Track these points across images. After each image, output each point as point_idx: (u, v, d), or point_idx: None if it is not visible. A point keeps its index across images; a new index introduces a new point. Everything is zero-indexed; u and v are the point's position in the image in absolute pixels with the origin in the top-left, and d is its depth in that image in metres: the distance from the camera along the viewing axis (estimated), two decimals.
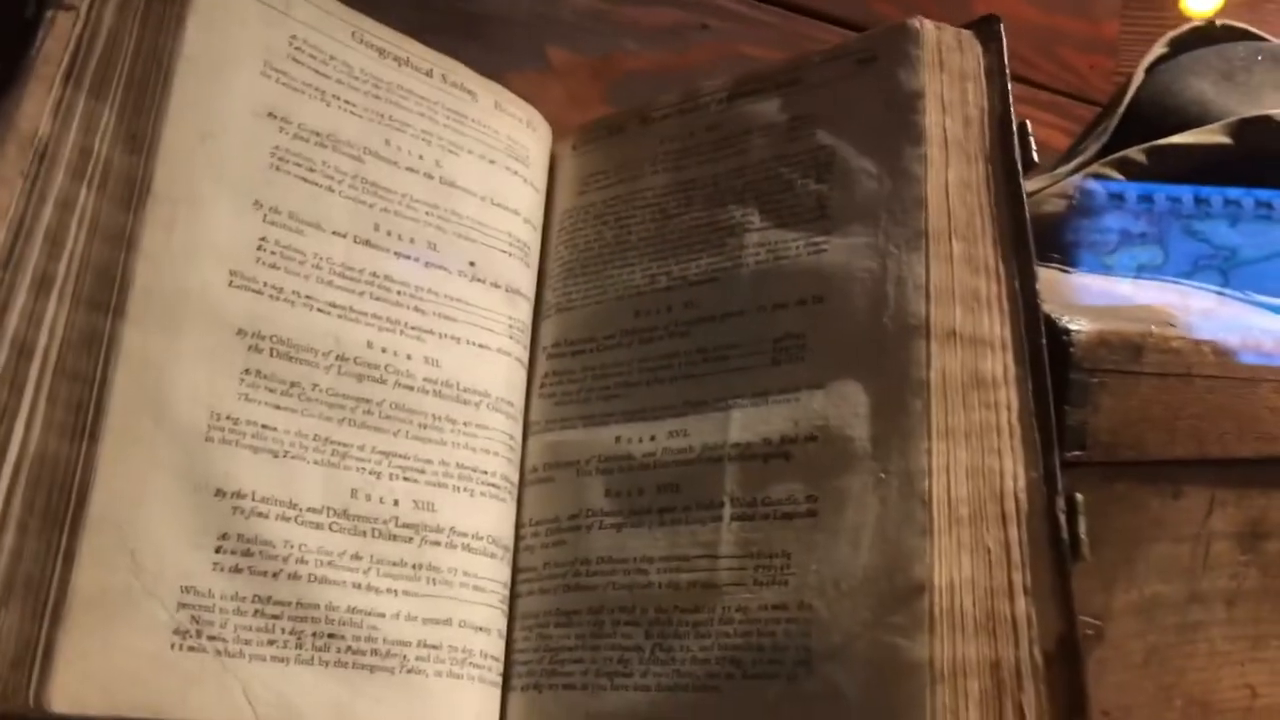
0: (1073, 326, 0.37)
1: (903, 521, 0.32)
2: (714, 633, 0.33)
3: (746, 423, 0.37)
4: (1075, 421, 0.37)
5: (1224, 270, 0.84)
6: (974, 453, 0.34)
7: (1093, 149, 0.70)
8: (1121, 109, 0.71)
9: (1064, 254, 0.60)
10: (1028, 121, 0.40)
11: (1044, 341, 0.36)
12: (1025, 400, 0.35)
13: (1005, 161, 0.39)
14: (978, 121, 0.40)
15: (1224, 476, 0.44)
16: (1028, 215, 0.38)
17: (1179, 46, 0.72)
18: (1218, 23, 0.73)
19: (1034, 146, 0.40)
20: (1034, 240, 0.67)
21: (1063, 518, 0.33)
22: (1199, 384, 0.42)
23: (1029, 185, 0.70)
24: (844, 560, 0.32)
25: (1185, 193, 0.88)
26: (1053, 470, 0.34)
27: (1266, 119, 0.62)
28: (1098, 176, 0.66)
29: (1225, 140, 0.63)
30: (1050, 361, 0.36)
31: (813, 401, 0.36)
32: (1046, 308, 0.38)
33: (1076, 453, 0.37)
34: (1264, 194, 0.76)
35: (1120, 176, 0.66)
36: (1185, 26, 0.73)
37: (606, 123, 0.50)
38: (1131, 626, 0.41)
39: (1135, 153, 0.66)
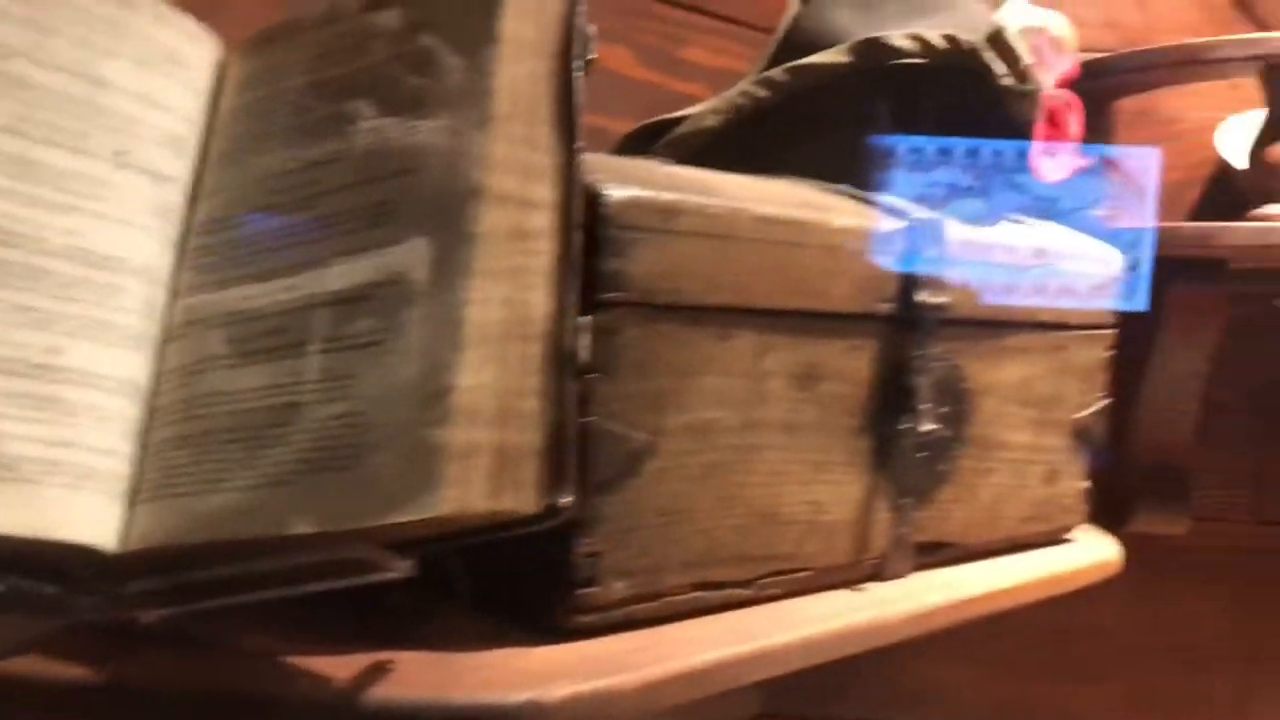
0: (607, 192, 0.46)
1: (443, 341, 0.40)
2: (293, 441, 0.40)
3: (343, 274, 0.44)
4: (610, 269, 0.46)
5: (1044, 221, 0.95)
6: (511, 289, 0.42)
7: (753, 72, 0.80)
8: (779, 36, 0.81)
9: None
10: (592, 27, 0.48)
11: (579, 203, 0.44)
12: (560, 249, 0.43)
13: (565, 60, 0.47)
14: (551, 27, 0.48)
15: (775, 325, 0.53)
16: (577, 102, 0.46)
17: None
18: None
19: (593, 48, 0.48)
20: (695, 148, 0.76)
21: (576, 339, 0.42)
22: (740, 245, 0.51)
23: (702, 106, 0.79)
24: (395, 374, 0.40)
25: (1008, 146, 0.99)
26: (569, 303, 0.42)
27: (877, 40, 0.72)
28: (745, 93, 0.75)
29: (846, 59, 0.73)
30: (589, 220, 0.45)
31: (394, 255, 0.43)
32: (593, 178, 0.46)
33: (615, 294, 0.46)
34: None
35: (766, 92, 0.75)
36: None
37: (265, 33, 0.56)
38: (687, 444, 0.50)
39: (778, 72, 0.75)
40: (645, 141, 0.78)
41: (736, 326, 0.52)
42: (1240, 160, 0.96)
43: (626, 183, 0.47)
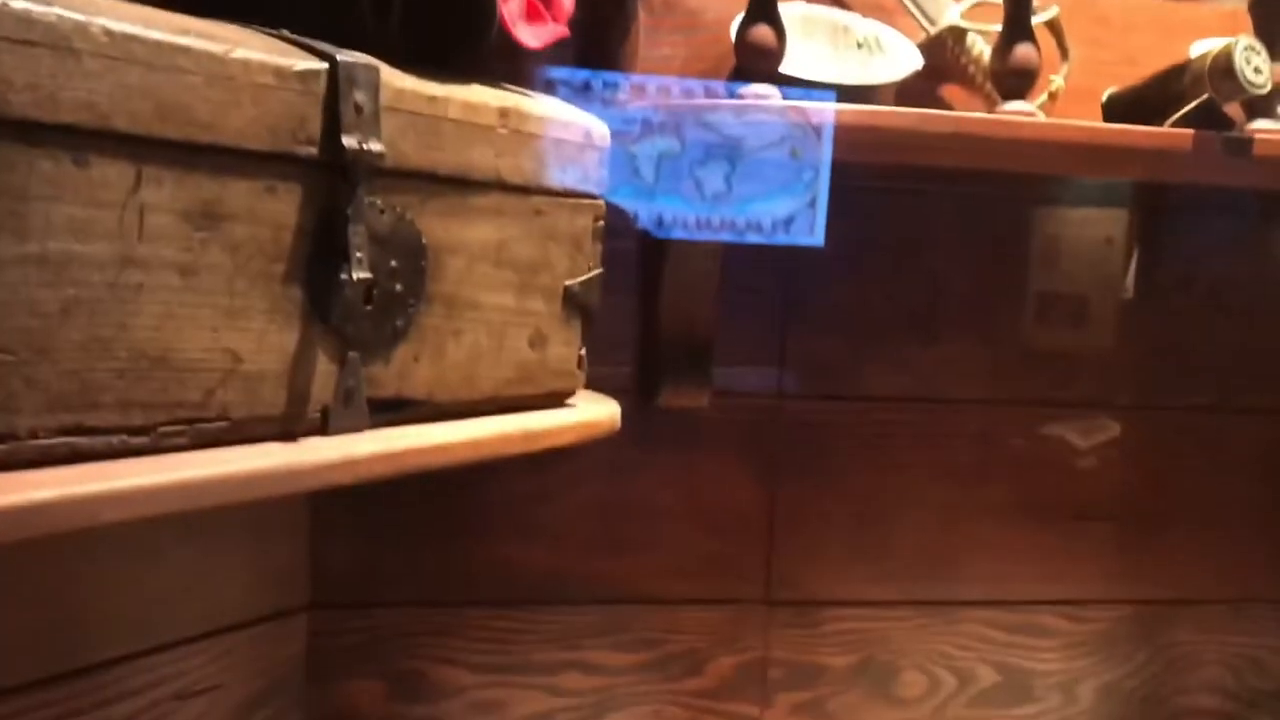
0: None
1: None
2: None
3: None
4: None
5: (731, 159, 0.95)
6: None
7: None
8: None
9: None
10: None
11: None
12: None
13: None
14: None
15: (152, 156, 0.50)
16: None
17: None
18: None
19: None
20: None
21: None
22: (94, 61, 0.47)
23: None
24: None
25: (696, 85, 0.97)
26: None
27: None
28: None
29: None
30: None
31: None
32: None
33: None
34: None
35: None
36: None
37: None
38: (36, 277, 0.47)
39: None
40: None
41: (96, 152, 0.48)
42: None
43: None
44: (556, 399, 0.78)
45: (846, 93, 0.95)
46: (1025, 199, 1.11)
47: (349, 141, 0.59)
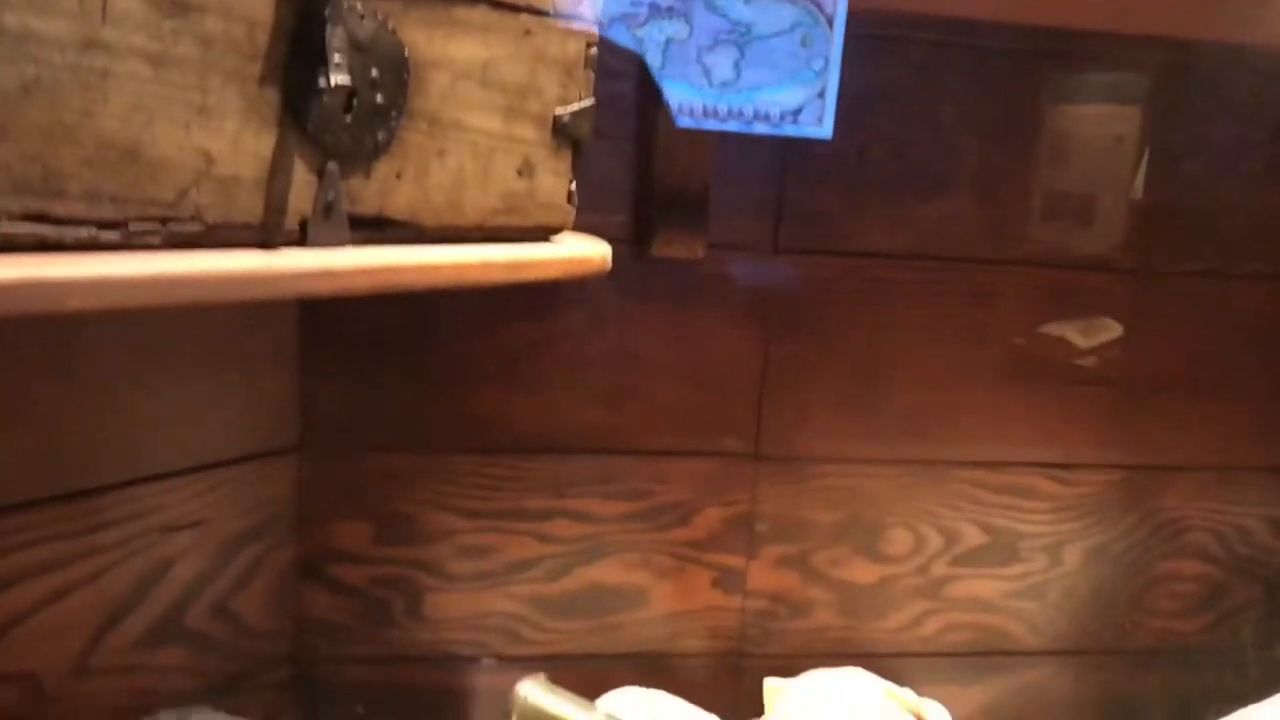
0: None
1: None
2: None
3: None
4: None
5: (740, 45, 0.91)
6: None
7: None
8: None
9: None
10: None
11: None
12: None
13: None
14: None
15: None
16: None
17: None
18: None
19: None
20: None
21: None
22: None
23: None
24: None
25: None
26: None
27: None
28: None
29: None
30: None
31: None
32: None
33: None
34: None
35: None
36: None
37: None
38: None
39: None
40: None
41: None
42: None
43: None
44: (545, 233, 0.77)
45: None
46: (1040, 54, 1.08)
47: None
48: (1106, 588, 1.19)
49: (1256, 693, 1.06)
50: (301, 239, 0.60)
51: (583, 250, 0.78)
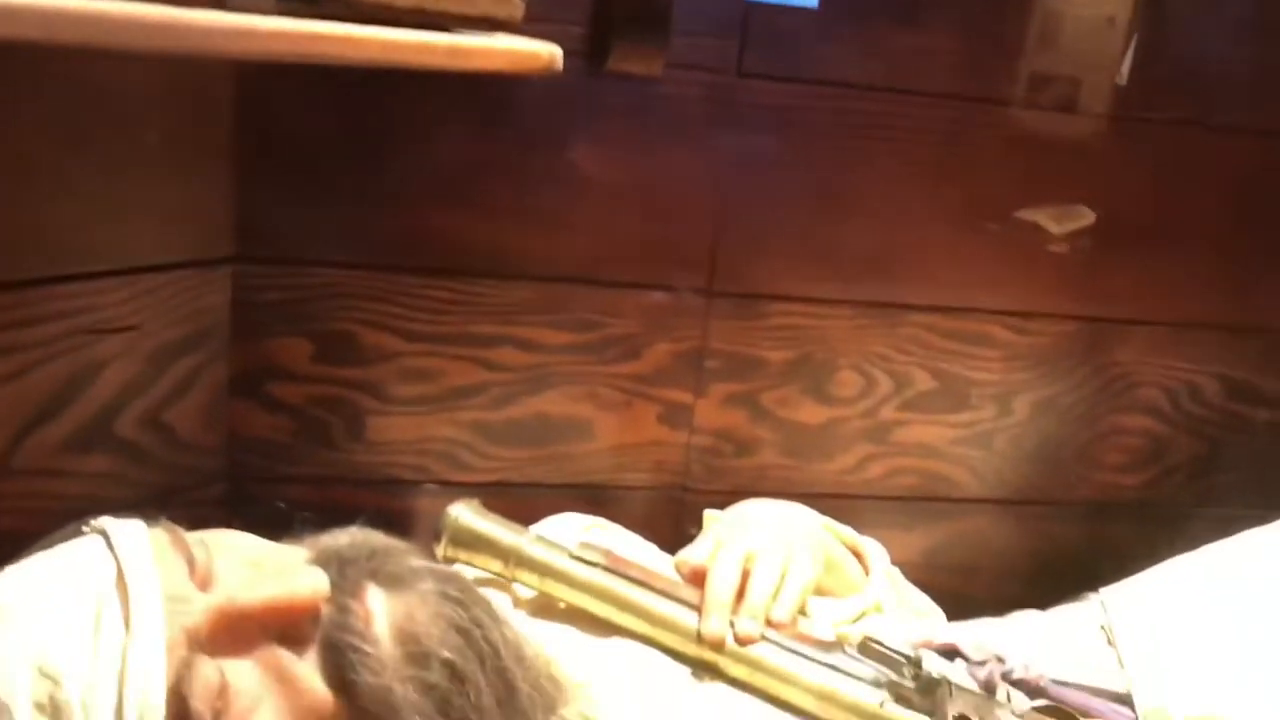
0: None
1: None
2: None
3: None
4: None
5: None
6: None
7: None
8: None
9: None
10: None
11: None
12: None
13: None
14: None
15: None
16: None
17: None
18: None
19: None
20: None
21: None
22: None
23: None
24: None
25: None
26: None
27: None
28: None
29: None
30: None
31: None
32: None
33: None
34: None
35: None
36: None
37: None
38: None
39: None
40: None
41: None
42: None
43: None
44: (490, 25, 0.72)
45: None
46: None
47: None
48: (1054, 439, 1.19)
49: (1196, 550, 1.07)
50: (221, 3, 0.56)
51: (532, 46, 0.73)
